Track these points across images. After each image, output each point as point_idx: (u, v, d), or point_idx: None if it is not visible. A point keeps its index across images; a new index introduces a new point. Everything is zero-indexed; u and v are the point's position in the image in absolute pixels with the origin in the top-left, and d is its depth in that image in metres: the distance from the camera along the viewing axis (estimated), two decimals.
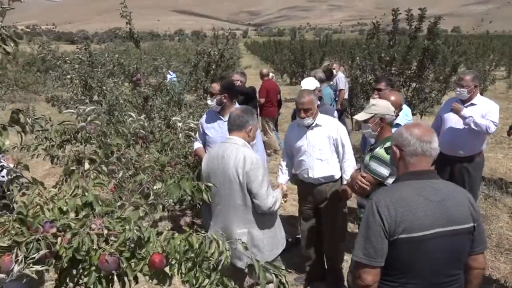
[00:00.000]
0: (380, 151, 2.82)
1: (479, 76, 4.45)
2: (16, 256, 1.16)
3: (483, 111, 4.11)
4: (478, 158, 4.28)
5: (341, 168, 3.63)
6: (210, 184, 1.68)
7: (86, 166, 1.67)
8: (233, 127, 2.85)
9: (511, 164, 7.21)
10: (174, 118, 1.78)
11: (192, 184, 1.57)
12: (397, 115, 3.67)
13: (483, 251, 1.95)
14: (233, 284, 1.50)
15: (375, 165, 2.81)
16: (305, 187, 3.70)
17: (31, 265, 1.17)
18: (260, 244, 2.77)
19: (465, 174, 4.27)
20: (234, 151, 2.72)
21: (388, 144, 2.69)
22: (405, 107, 4.06)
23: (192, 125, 3.01)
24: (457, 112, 4.18)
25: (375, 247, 1.82)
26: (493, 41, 27.15)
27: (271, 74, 8.58)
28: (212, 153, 2.89)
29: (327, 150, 3.55)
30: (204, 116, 4.06)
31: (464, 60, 14.70)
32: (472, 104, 4.17)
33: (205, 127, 3.95)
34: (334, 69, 8.54)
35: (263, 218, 2.79)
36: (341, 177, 3.64)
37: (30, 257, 1.19)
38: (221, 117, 3.93)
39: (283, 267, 2.87)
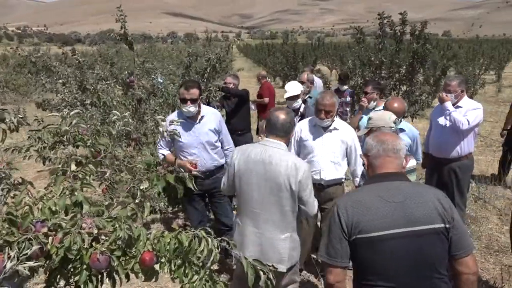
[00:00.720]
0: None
1: (466, 80, 4.58)
2: (8, 255, 1.17)
3: (466, 111, 4.23)
4: (466, 160, 4.34)
5: (352, 172, 3.76)
6: (196, 173, 1.71)
7: (73, 167, 1.68)
8: (279, 132, 2.76)
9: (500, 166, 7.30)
10: (158, 117, 1.77)
11: (175, 176, 1.60)
12: (400, 121, 3.76)
13: (467, 254, 1.86)
14: (220, 279, 1.51)
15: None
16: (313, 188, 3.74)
17: (23, 262, 1.18)
18: (297, 247, 2.85)
19: (453, 176, 4.34)
20: (284, 158, 2.66)
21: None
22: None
23: (175, 123, 3.02)
24: (441, 101, 4.27)
25: (334, 247, 1.88)
26: (482, 45, 27.52)
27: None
28: (251, 155, 2.76)
29: (339, 153, 3.64)
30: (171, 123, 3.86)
31: (454, 63, 14.90)
32: (458, 107, 4.29)
33: (181, 133, 3.81)
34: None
35: (298, 223, 2.88)
36: (344, 180, 3.79)
37: (22, 254, 1.20)
38: (194, 121, 3.83)
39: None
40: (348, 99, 7.04)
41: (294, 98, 4.73)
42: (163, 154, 3.88)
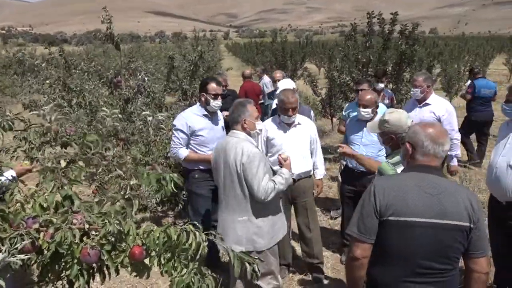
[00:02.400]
0: (385, 165, 2.83)
1: (432, 78, 4.87)
2: (0, 250, 1.20)
3: (437, 113, 4.45)
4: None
5: (313, 164, 3.95)
6: (174, 176, 1.77)
7: (63, 164, 1.71)
8: (231, 123, 3.10)
9: (483, 161, 7.46)
10: (143, 113, 1.81)
11: (157, 176, 1.64)
12: (375, 113, 3.88)
13: (483, 256, 1.98)
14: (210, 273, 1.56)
15: (385, 166, 2.86)
16: None
17: (15, 255, 1.22)
18: (259, 231, 2.96)
19: None
20: (235, 144, 2.94)
21: (396, 158, 2.74)
22: (381, 105, 4.27)
23: (160, 117, 3.05)
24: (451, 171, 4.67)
25: (365, 224, 1.99)
26: (468, 42, 27.90)
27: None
28: (218, 147, 3.15)
29: (306, 147, 3.82)
30: (191, 119, 3.92)
31: (440, 61, 15.10)
32: (426, 104, 4.53)
33: (197, 129, 3.91)
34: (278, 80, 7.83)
35: (261, 206, 2.95)
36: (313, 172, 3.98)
37: (14, 247, 1.23)
38: (215, 117, 4.06)
39: (277, 253, 3.14)
40: (386, 101, 5.93)
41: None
42: (182, 154, 3.90)
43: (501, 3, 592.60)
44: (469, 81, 8.04)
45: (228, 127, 5.94)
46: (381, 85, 5.92)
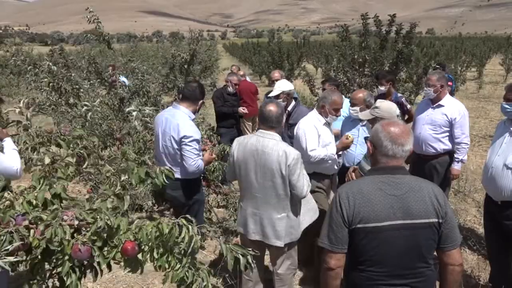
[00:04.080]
0: (362, 161, 2.94)
1: (446, 77, 4.68)
2: None
3: (450, 115, 4.29)
4: (446, 156, 4.46)
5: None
6: (166, 169, 1.78)
7: (47, 160, 1.69)
8: (272, 124, 3.06)
9: (479, 160, 7.50)
10: (128, 109, 1.79)
11: (146, 170, 1.64)
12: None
13: (455, 248, 1.98)
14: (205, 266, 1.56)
15: (363, 162, 2.97)
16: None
17: (3, 256, 1.21)
18: (295, 224, 3.16)
19: (433, 171, 4.47)
20: (275, 147, 2.98)
21: None
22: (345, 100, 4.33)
23: (147, 111, 2.97)
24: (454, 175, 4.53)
25: (336, 234, 1.97)
26: (465, 43, 27.97)
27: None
28: (247, 145, 3.09)
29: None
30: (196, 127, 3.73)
31: (436, 61, 15.13)
32: (440, 106, 4.37)
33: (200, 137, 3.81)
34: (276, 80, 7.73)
35: (298, 203, 3.20)
36: None
37: (4, 249, 1.22)
38: None
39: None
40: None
41: (275, 98, 4.62)
42: (202, 164, 3.69)
43: (498, 4, 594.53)
44: None
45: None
46: (382, 88, 5.48)
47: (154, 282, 4.04)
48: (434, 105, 4.41)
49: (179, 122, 3.57)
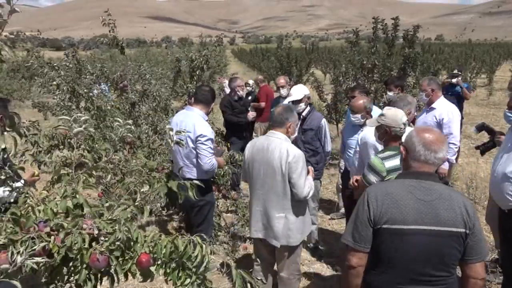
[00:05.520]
0: (375, 159, 2.96)
1: (437, 81, 4.86)
2: (12, 253, 1.22)
3: (440, 116, 4.41)
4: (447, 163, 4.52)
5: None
6: (197, 183, 1.77)
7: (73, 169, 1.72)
8: (275, 124, 3.20)
9: (490, 168, 7.41)
10: (167, 127, 1.84)
11: (178, 183, 1.65)
12: (366, 118, 3.91)
13: (479, 261, 1.96)
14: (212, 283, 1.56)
15: (366, 171, 3.00)
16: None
17: (31, 257, 1.23)
18: (293, 227, 3.15)
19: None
20: (279, 145, 3.08)
21: (387, 153, 2.91)
22: (375, 108, 4.28)
23: (183, 133, 3.07)
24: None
25: (360, 233, 1.99)
26: (474, 49, 27.80)
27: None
28: (257, 144, 3.24)
29: None
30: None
31: (446, 68, 15.06)
32: (432, 109, 4.55)
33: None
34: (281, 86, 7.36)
35: (298, 205, 3.16)
36: None
37: (31, 250, 1.24)
38: None
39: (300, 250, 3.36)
40: None
41: (296, 102, 4.51)
42: (216, 164, 3.84)
43: (508, 11, 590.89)
44: None
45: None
46: (390, 94, 5.42)
47: (162, 286, 4.05)
48: (428, 108, 4.64)
49: (195, 122, 3.73)
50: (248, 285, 1.64)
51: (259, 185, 3.19)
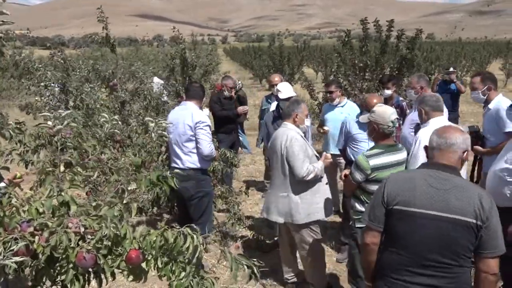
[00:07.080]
0: (360, 157, 3.01)
1: (426, 79, 4.88)
2: None
3: None
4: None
5: None
6: (178, 171, 1.81)
7: (62, 168, 1.69)
8: (285, 116, 3.67)
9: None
10: (146, 119, 1.84)
11: (158, 174, 1.63)
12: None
13: (493, 256, 1.97)
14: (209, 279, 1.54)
15: (352, 169, 3.03)
16: None
17: (10, 257, 1.20)
18: (295, 207, 3.45)
19: None
20: (284, 132, 3.51)
21: (374, 151, 3.03)
22: (352, 104, 4.56)
23: (164, 125, 3.06)
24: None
25: (375, 212, 2.16)
26: (465, 47, 28.01)
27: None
28: (274, 135, 3.67)
29: None
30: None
31: (437, 66, 15.15)
32: None
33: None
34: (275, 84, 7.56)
35: (300, 185, 3.46)
36: None
37: (8, 251, 1.21)
38: None
39: (319, 231, 3.62)
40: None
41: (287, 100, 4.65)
42: (214, 150, 4.14)
43: (497, 10, 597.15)
44: None
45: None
46: (388, 92, 5.29)
47: (154, 287, 4.02)
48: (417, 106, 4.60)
49: (192, 111, 4.03)
50: (245, 267, 1.60)
51: (273, 170, 3.64)
